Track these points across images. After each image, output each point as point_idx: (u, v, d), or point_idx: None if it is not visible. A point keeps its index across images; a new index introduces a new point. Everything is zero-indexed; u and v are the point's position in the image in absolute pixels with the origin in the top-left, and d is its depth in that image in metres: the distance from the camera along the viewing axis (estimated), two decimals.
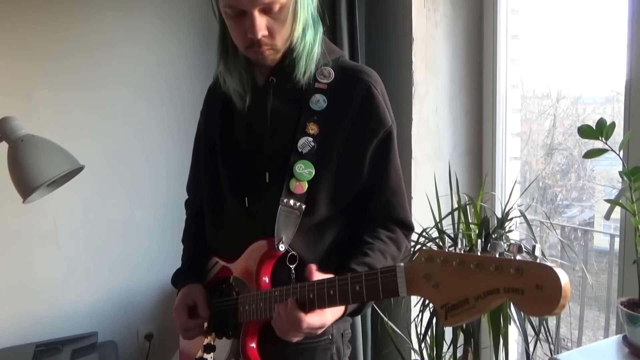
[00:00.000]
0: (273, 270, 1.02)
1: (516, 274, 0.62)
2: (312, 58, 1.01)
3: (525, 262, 0.62)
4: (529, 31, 1.99)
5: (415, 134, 1.87)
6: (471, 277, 0.67)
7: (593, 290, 2.32)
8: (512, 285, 0.63)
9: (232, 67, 1.05)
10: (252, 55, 1.00)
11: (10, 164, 1.25)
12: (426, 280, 0.72)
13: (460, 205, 1.58)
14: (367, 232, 1.02)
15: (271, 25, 0.95)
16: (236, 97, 1.06)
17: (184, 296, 1.12)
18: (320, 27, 1.03)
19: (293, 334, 0.89)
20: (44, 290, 2.12)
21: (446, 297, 0.69)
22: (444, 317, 0.69)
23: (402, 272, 0.77)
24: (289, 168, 1.00)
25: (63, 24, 2.08)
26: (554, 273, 0.60)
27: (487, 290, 0.65)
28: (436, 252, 0.72)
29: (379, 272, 0.80)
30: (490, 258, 0.65)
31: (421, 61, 1.88)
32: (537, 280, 0.61)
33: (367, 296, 0.82)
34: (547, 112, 2.67)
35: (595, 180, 2.65)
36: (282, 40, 0.98)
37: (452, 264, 0.69)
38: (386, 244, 1.00)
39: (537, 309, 0.61)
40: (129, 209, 2.24)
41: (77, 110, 2.12)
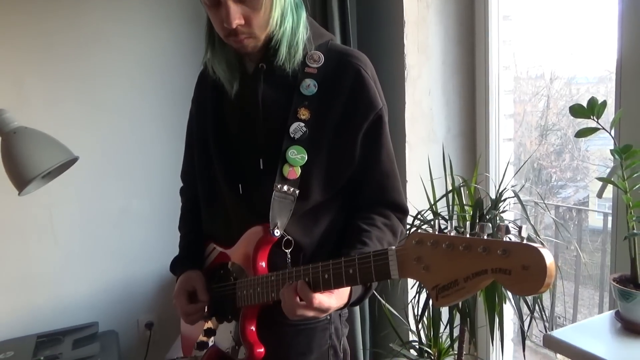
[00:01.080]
0: (269, 255, 1.03)
1: (503, 255, 0.64)
2: (295, 44, 1.01)
3: (511, 243, 0.64)
4: (521, 12, 1.99)
5: (409, 117, 1.87)
6: (460, 259, 0.68)
7: (587, 269, 2.34)
8: (499, 265, 0.64)
9: (219, 54, 1.05)
10: (233, 44, 1.00)
11: (4, 157, 1.25)
12: (417, 262, 0.74)
13: (454, 187, 1.59)
14: (363, 220, 1.02)
15: (247, 13, 0.95)
16: (226, 83, 1.07)
17: (183, 282, 1.13)
18: (303, 12, 1.03)
19: (302, 311, 0.89)
20: (43, 282, 2.13)
21: (437, 279, 0.71)
22: (435, 298, 0.71)
23: (394, 255, 0.78)
24: (282, 154, 1.00)
25: (52, 14, 2.06)
26: (539, 253, 0.61)
27: (476, 271, 0.66)
28: (426, 234, 0.74)
29: (372, 255, 0.81)
30: (478, 240, 0.67)
31: (413, 44, 1.87)
32: (523, 260, 0.62)
33: (360, 279, 0.83)
34: (541, 93, 2.67)
35: (589, 160, 2.67)
36: (260, 28, 0.98)
37: (441, 246, 0.70)
38: (382, 230, 1.01)
39: (524, 288, 0.62)
40: (125, 199, 2.24)
41: (69, 101, 2.11)
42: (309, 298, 0.87)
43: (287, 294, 0.90)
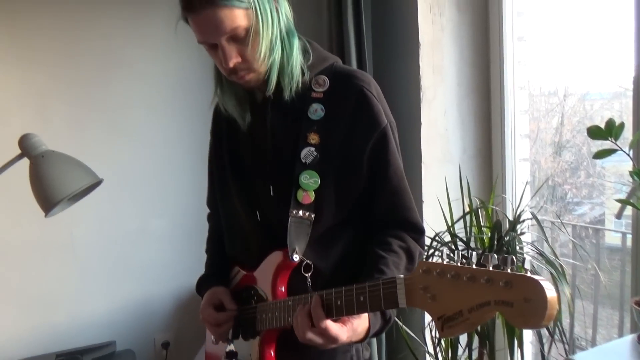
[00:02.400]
0: (290, 279, 1.05)
1: (505, 286, 0.64)
2: (290, 71, 1.02)
3: (514, 275, 0.64)
4: (535, 32, 2.00)
5: (425, 138, 1.89)
6: (465, 289, 0.68)
7: (606, 288, 2.31)
8: (502, 297, 0.64)
9: (228, 91, 1.09)
10: (236, 81, 1.03)
11: (32, 179, 1.28)
12: (424, 291, 0.74)
13: (472, 208, 1.60)
14: (379, 245, 1.02)
15: (242, 50, 0.98)
16: (238, 118, 1.09)
17: (209, 296, 1.14)
18: (296, 39, 1.04)
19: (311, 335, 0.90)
20: (62, 300, 2.16)
21: (442, 309, 0.71)
22: (441, 329, 0.71)
23: (402, 284, 0.79)
24: (295, 179, 1.02)
25: (76, 40, 2.12)
26: (540, 286, 0.61)
27: (479, 302, 0.66)
28: (433, 264, 0.74)
29: (381, 283, 0.82)
30: (482, 270, 0.67)
31: (428, 65, 1.89)
32: (525, 293, 0.62)
33: (370, 306, 0.84)
34: (555, 109, 2.67)
35: (605, 177, 2.65)
36: (257, 62, 0.99)
37: (447, 276, 0.71)
38: (399, 255, 1.01)
39: (525, 321, 0.62)
40: (143, 218, 2.27)
41: (91, 124, 2.16)
42: (319, 320, 0.88)
43: (300, 316, 0.91)
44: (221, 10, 0.93)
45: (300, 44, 1.06)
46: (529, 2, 1.93)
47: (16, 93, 2.06)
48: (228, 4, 0.93)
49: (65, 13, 2.09)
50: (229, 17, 0.94)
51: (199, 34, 0.99)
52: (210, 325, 1.14)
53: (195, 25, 0.98)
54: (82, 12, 2.11)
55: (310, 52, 1.07)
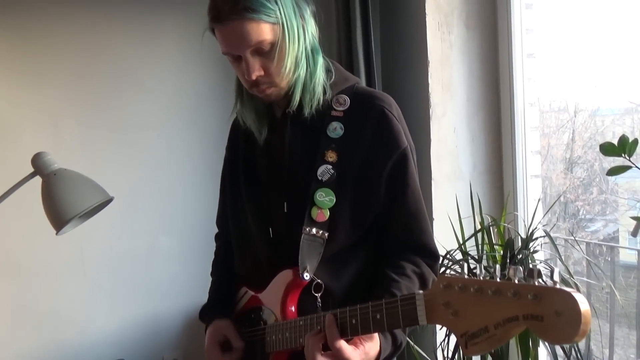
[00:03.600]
0: (299, 299, 1.03)
1: (534, 300, 0.61)
2: (312, 88, 1.02)
3: (543, 288, 0.61)
4: (545, 49, 2.00)
5: (435, 155, 1.88)
6: (490, 304, 0.66)
7: (623, 308, 2.26)
8: (531, 311, 0.61)
9: (248, 104, 1.09)
10: (257, 94, 1.03)
11: (44, 197, 1.29)
12: (445, 307, 0.71)
13: (483, 226, 1.58)
14: (392, 268, 1.01)
15: (266, 64, 0.98)
16: (255, 132, 1.10)
17: (212, 334, 1.12)
18: (320, 57, 1.05)
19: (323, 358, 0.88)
20: (71, 317, 2.16)
21: (466, 325, 0.68)
22: (465, 346, 0.68)
23: (422, 300, 0.76)
24: (310, 196, 1.01)
25: (89, 59, 2.15)
26: (572, 298, 0.58)
27: (507, 317, 0.64)
28: (454, 278, 0.71)
29: (399, 299, 0.81)
30: (508, 284, 0.64)
31: (437, 83, 1.89)
32: (556, 306, 0.59)
33: (387, 324, 0.82)
34: (565, 125, 2.65)
35: (618, 194, 2.61)
36: (279, 77, 1.00)
37: (470, 291, 0.68)
38: (412, 280, 1.00)
39: (557, 336, 0.59)
40: (153, 236, 2.27)
41: (103, 142, 2.18)
42: (333, 340, 0.86)
43: (311, 337, 0.90)
44: (248, 23, 0.94)
45: (324, 63, 1.06)
46: (537, 19, 1.94)
47: (30, 112, 2.09)
48: (256, 17, 0.94)
49: (78, 34, 2.13)
50: (256, 30, 0.95)
51: (224, 45, 0.99)
52: None
53: (221, 36, 0.99)
54: (95, 32, 2.15)
55: (333, 71, 1.07)
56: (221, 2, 0.95)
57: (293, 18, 0.98)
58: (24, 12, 2.05)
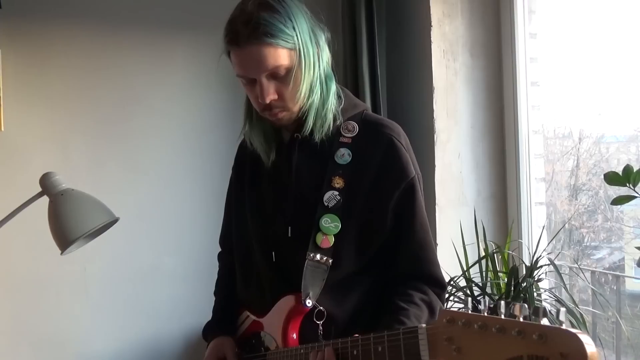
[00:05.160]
0: (301, 326, 1.02)
1: (539, 340, 0.60)
2: (324, 114, 1.03)
3: (549, 328, 0.60)
4: (549, 77, 2.02)
5: (439, 180, 1.89)
6: (494, 342, 0.64)
7: (629, 339, 2.23)
8: (535, 352, 0.60)
9: (256, 127, 1.10)
10: (268, 117, 1.04)
11: (51, 217, 1.30)
12: (448, 343, 0.70)
13: (487, 253, 1.57)
14: (400, 296, 1.00)
15: (280, 89, 0.99)
16: (262, 154, 1.10)
17: (213, 349, 1.12)
18: (333, 85, 1.06)
19: None
20: (72, 338, 2.14)
21: None
22: None
23: (425, 334, 0.75)
24: (315, 222, 1.01)
25: (97, 78, 2.17)
26: (579, 340, 0.57)
27: (510, 357, 0.62)
28: (458, 313, 0.71)
29: (401, 332, 0.80)
30: (513, 322, 0.63)
31: (442, 109, 1.91)
32: (561, 347, 0.58)
33: (389, 358, 0.81)
34: (570, 152, 2.66)
35: (623, 222, 2.60)
36: (292, 101, 1.01)
37: (474, 327, 0.67)
38: (420, 308, 0.99)
39: None
40: (157, 256, 2.26)
41: (110, 162, 2.19)
42: None
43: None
44: (265, 48, 0.95)
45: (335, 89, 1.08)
46: (541, 47, 1.96)
47: (39, 133, 2.10)
48: (274, 42, 0.95)
49: (88, 56, 2.15)
50: (273, 55, 0.96)
51: (240, 67, 1.00)
52: None
53: (238, 59, 0.99)
54: (105, 54, 2.17)
55: (343, 97, 1.08)
56: (240, 25, 0.96)
57: (309, 45, 0.99)
58: (33, 35, 2.08)
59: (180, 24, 2.26)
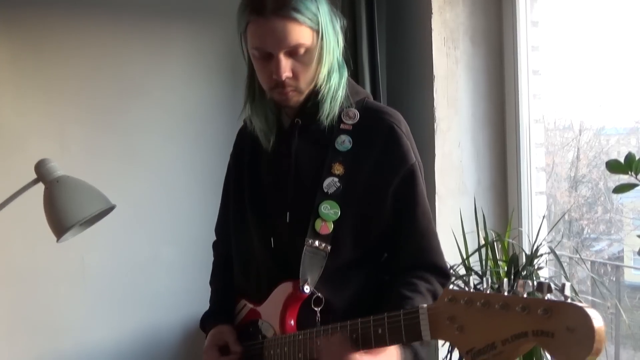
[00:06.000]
0: (299, 313, 1.01)
1: (544, 315, 0.59)
2: (335, 101, 1.02)
3: (554, 302, 0.59)
4: (550, 66, 2.01)
5: (439, 169, 1.88)
6: (497, 319, 0.63)
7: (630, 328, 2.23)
8: (541, 327, 0.59)
9: (258, 108, 1.08)
10: (276, 96, 1.02)
11: (46, 204, 1.29)
12: (450, 322, 0.69)
13: (487, 241, 1.57)
14: (405, 286, 0.98)
15: (296, 67, 0.98)
16: (262, 137, 1.09)
17: (213, 337, 1.11)
18: (345, 72, 1.05)
19: None
20: (70, 328, 2.13)
21: (472, 342, 0.66)
22: None
23: (425, 314, 0.74)
24: (314, 208, 1.00)
25: (95, 66, 2.16)
26: (586, 314, 0.56)
27: (515, 333, 0.61)
28: (460, 292, 0.70)
29: (402, 313, 0.79)
30: (517, 298, 0.62)
31: (443, 97, 1.90)
32: (567, 322, 0.57)
33: (389, 340, 0.80)
34: (570, 144, 2.65)
35: (623, 213, 2.59)
36: (306, 83, 1.00)
37: (476, 305, 0.66)
38: (425, 298, 0.98)
39: (569, 354, 0.57)
40: (155, 246, 2.26)
41: (108, 151, 2.18)
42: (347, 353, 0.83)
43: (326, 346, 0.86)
44: (291, 23, 0.94)
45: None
46: (543, 36, 1.94)
47: (36, 120, 2.09)
48: (300, 19, 0.94)
49: (85, 42, 2.14)
50: (296, 32, 0.94)
51: (260, 39, 0.97)
52: None
53: (259, 30, 0.96)
54: (102, 41, 2.16)
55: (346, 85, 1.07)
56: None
57: (331, 29, 0.98)
58: (30, 20, 2.06)
59: (179, 12, 2.24)
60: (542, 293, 0.61)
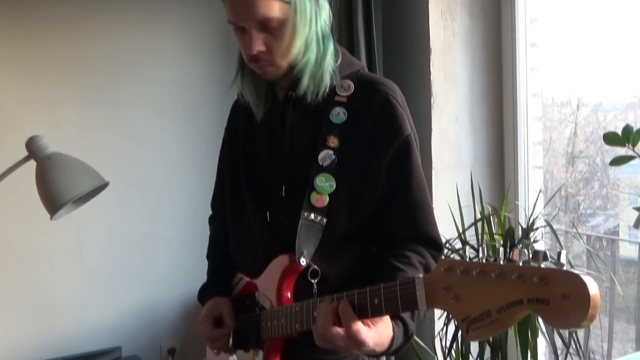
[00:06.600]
0: (295, 285, 1.02)
1: (540, 282, 0.59)
2: (320, 74, 1.00)
3: (550, 270, 0.59)
4: (548, 39, 1.98)
5: (435, 144, 1.86)
6: (493, 288, 0.63)
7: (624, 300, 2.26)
8: (536, 295, 0.59)
9: (248, 79, 1.07)
10: (255, 69, 1.01)
11: (38, 182, 1.28)
12: (446, 291, 0.69)
13: (483, 215, 1.56)
14: (398, 258, 0.98)
15: (269, 41, 0.96)
16: (254, 108, 1.08)
17: (209, 308, 1.11)
18: (330, 44, 1.02)
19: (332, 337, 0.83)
20: (68, 305, 2.15)
21: (467, 310, 0.66)
22: (465, 331, 0.66)
23: (422, 284, 0.74)
24: (310, 181, 0.99)
25: (87, 43, 2.13)
26: (581, 281, 0.56)
27: (510, 301, 0.61)
28: (456, 261, 0.69)
29: (398, 284, 0.79)
30: (512, 266, 0.62)
31: (439, 71, 1.87)
32: (563, 289, 0.57)
33: (385, 309, 0.80)
34: (568, 120, 2.64)
35: (619, 189, 2.60)
36: (281, 56, 0.98)
37: (472, 274, 0.66)
38: (418, 270, 0.97)
39: (564, 320, 0.57)
40: (151, 224, 2.26)
41: (101, 127, 2.16)
42: (350, 321, 0.82)
43: (322, 313, 0.85)
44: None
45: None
46: (542, 8, 1.91)
47: (27, 97, 2.07)
48: None
49: (76, 19, 2.11)
50: (265, 5, 0.92)
51: (231, 13, 0.96)
52: (207, 340, 1.11)
53: (230, 3, 0.96)
54: (94, 18, 2.13)
55: (340, 55, 1.05)
56: None
57: (307, 1, 0.96)
58: None
59: None
60: (537, 261, 0.61)
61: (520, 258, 0.63)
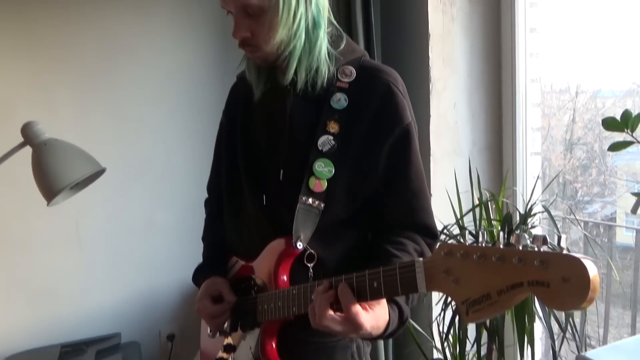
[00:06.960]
0: (292, 268, 1.02)
1: (541, 266, 0.60)
2: (307, 66, 1.00)
3: (550, 254, 0.60)
4: (548, 24, 1.96)
5: (434, 131, 1.86)
6: (493, 271, 0.64)
7: (621, 286, 2.27)
8: (536, 278, 0.60)
9: (251, 62, 1.07)
10: (246, 53, 1.03)
11: (35, 168, 1.27)
12: (446, 275, 0.70)
13: (481, 201, 1.56)
14: (393, 244, 0.98)
15: (254, 27, 0.97)
16: (254, 86, 1.08)
17: (206, 287, 1.11)
18: (321, 31, 1.01)
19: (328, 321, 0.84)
20: (67, 292, 2.15)
21: (467, 292, 0.67)
22: (465, 313, 0.67)
23: (422, 267, 0.75)
24: (309, 166, 0.99)
25: (82, 28, 2.11)
26: (581, 264, 0.57)
27: (510, 284, 0.62)
28: (456, 245, 0.70)
29: (397, 267, 0.79)
30: (513, 250, 0.63)
31: (438, 57, 1.86)
32: (563, 272, 0.58)
33: (385, 292, 0.81)
34: (566, 106, 2.63)
35: (617, 175, 2.60)
36: (265, 43, 0.98)
37: (472, 258, 0.67)
38: (412, 257, 0.97)
39: (563, 302, 0.58)
40: (149, 210, 2.26)
41: (97, 113, 2.15)
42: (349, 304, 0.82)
43: (320, 297, 0.85)
44: None
45: (335, 32, 1.04)
46: None
47: (23, 83, 2.05)
48: None
49: (71, 4, 2.08)
50: None
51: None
52: (206, 317, 1.11)
53: None
54: (89, 1, 2.10)
55: (344, 41, 1.05)
56: None
57: None
58: None
59: None
60: (537, 245, 0.62)
61: (520, 243, 0.63)
